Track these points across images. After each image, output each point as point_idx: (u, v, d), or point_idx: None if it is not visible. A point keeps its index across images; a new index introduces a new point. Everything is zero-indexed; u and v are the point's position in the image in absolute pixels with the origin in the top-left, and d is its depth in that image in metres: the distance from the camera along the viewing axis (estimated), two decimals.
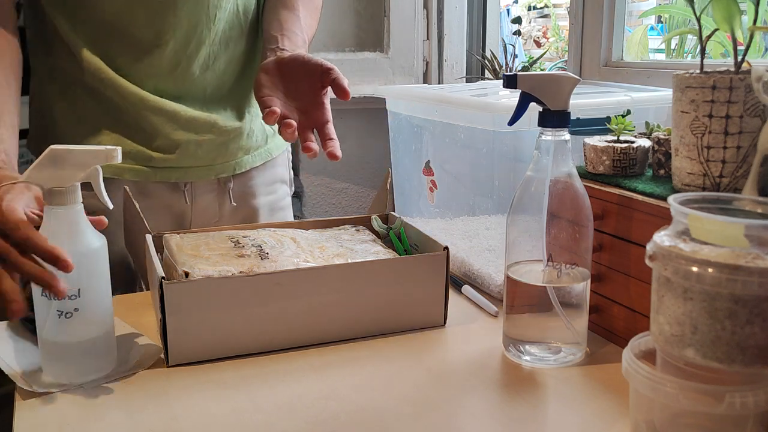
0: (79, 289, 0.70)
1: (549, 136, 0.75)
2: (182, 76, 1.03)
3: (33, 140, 1.09)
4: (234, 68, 1.08)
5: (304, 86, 0.90)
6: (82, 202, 0.72)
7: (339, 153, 0.84)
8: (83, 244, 0.71)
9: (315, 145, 0.84)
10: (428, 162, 1.17)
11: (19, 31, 0.99)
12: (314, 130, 0.88)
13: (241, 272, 0.80)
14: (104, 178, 1.03)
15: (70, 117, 1.04)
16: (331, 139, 0.86)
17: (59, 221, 0.70)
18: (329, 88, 0.88)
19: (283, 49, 0.95)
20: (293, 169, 1.93)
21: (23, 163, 1.61)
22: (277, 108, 0.84)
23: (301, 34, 1.01)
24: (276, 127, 1.04)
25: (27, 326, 0.85)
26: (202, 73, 1.05)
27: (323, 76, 0.88)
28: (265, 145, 1.16)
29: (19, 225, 0.68)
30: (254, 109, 1.12)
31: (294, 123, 0.84)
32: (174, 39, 1.00)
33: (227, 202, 1.13)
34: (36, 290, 0.70)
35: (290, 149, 1.27)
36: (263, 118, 0.85)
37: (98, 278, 0.73)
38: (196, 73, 1.04)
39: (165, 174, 1.06)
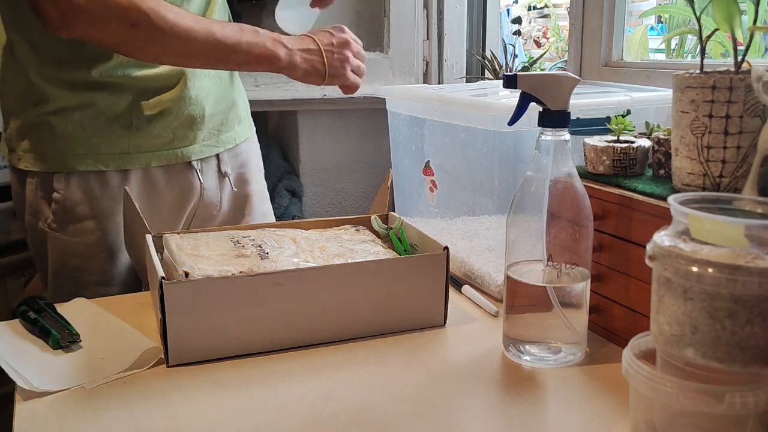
0: None
1: (549, 136, 0.75)
2: None
3: (35, 161, 1.06)
4: None
5: None
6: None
7: None
8: None
9: None
10: (428, 162, 1.17)
11: None
12: None
13: (241, 272, 0.80)
14: (125, 171, 1.05)
15: (78, 122, 1.03)
16: None
17: None
18: None
19: None
20: (294, 169, 1.94)
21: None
22: None
23: None
24: (248, 108, 1.24)
25: (27, 326, 0.85)
26: None
27: None
28: (247, 118, 1.24)
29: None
30: (236, 79, 1.20)
31: None
32: None
33: (227, 186, 1.19)
34: None
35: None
36: None
37: None
38: None
39: (185, 154, 1.11)
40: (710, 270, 0.53)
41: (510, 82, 0.74)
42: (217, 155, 1.16)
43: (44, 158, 1.04)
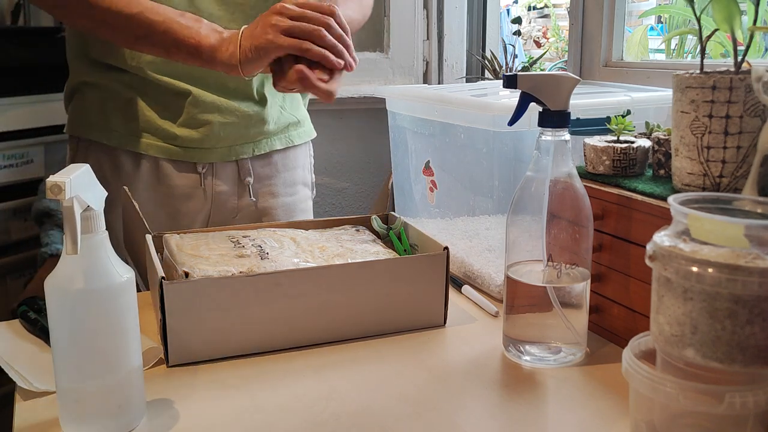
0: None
1: (549, 136, 0.75)
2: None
3: (70, 123, 1.15)
4: None
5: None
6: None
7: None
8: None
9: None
10: (428, 162, 1.17)
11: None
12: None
13: (241, 272, 0.80)
14: (130, 152, 1.08)
15: (101, 96, 1.09)
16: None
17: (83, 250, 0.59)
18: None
19: None
20: None
21: (23, 163, 1.61)
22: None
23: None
24: (302, 116, 1.22)
25: (27, 326, 0.85)
26: None
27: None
28: (286, 132, 1.21)
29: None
30: (274, 98, 1.16)
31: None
32: None
33: (246, 196, 1.17)
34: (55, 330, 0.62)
35: (312, 152, 1.30)
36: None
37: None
38: None
39: (188, 154, 1.10)
40: (710, 270, 0.53)
41: (510, 82, 0.74)
42: (237, 162, 1.15)
43: (71, 124, 1.13)
